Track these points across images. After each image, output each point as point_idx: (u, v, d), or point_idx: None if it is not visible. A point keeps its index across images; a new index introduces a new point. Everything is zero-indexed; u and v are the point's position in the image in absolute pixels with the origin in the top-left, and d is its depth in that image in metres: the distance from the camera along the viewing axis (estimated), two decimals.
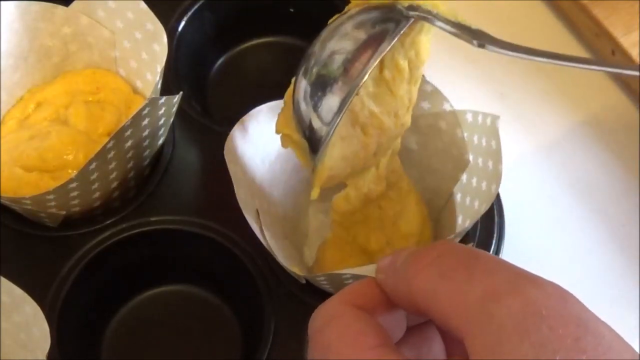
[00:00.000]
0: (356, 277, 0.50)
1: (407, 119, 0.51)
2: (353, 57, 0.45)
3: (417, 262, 0.30)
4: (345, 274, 0.50)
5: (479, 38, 0.40)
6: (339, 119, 0.45)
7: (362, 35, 0.45)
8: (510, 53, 0.38)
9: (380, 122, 0.49)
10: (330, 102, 0.46)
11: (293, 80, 0.49)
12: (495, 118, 0.54)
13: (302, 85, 0.47)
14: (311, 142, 0.48)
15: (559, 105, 0.70)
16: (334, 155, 0.49)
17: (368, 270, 0.49)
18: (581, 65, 0.35)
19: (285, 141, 0.51)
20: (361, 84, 0.45)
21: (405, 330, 0.33)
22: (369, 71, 0.44)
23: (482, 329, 0.27)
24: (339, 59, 0.45)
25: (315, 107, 0.47)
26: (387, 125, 0.50)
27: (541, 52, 0.37)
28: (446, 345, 0.34)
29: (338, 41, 0.46)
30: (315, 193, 0.50)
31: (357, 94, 0.46)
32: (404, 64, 0.48)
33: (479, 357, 0.27)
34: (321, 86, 0.46)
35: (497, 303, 0.27)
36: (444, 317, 0.29)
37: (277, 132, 0.51)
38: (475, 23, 0.43)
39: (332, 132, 0.46)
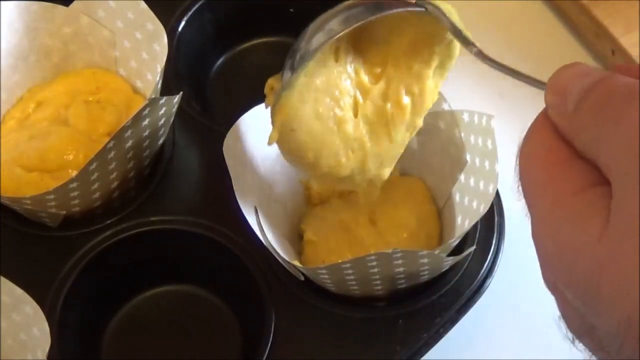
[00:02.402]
0: (355, 267, 0.50)
1: (384, 173, 0.50)
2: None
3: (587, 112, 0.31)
4: (345, 264, 0.50)
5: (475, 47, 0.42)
6: (309, 58, 0.45)
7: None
8: (496, 68, 0.40)
9: (364, 163, 0.49)
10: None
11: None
12: (490, 118, 0.54)
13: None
14: None
15: None
16: (307, 111, 0.46)
17: (367, 259, 0.49)
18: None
19: (269, 98, 0.48)
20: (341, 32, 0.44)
21: None
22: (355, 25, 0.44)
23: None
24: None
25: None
26: (368, 168, 0.49)
27: (522, 74, 0.39)
28: None
29: (324, 36, 0.45)
30: (274, 135, 0.47)
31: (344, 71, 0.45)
32: (405, 101, 0.47)
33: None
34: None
35: None
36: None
37: (266, 89, 0.49)
38: (476, 24, 0.43)
39: (306, 59, 0.45)
